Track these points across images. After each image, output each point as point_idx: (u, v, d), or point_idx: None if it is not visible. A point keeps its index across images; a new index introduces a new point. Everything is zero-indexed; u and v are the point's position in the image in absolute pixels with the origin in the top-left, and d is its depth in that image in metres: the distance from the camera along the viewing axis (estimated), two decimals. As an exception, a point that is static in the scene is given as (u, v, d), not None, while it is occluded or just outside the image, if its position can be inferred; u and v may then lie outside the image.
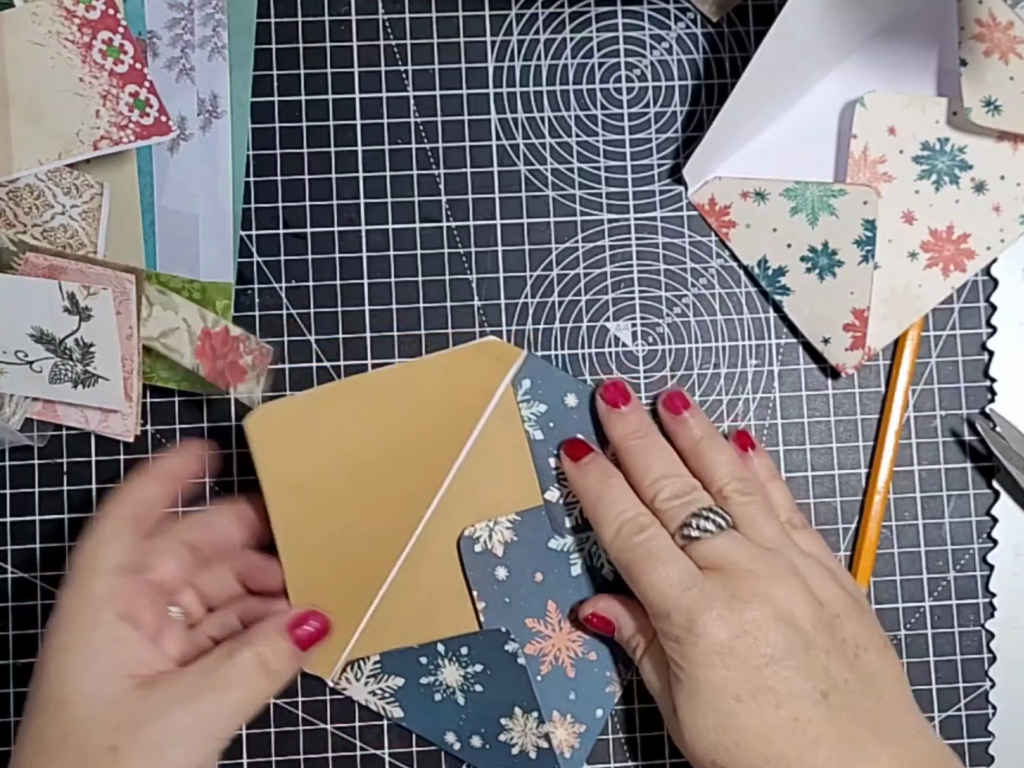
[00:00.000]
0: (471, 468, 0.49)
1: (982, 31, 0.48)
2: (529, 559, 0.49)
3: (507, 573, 0.48)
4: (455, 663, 0.47)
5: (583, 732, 0.49)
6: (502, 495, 0.49)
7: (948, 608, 0.51)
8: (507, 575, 0.48)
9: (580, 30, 0.52)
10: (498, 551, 0.48)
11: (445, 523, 0.49)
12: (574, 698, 0.49)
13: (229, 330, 0.48)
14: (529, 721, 0.47)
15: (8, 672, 0.50)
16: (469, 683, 0.48)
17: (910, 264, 0.51)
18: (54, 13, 0.45)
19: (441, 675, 0.48)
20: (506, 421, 0.49)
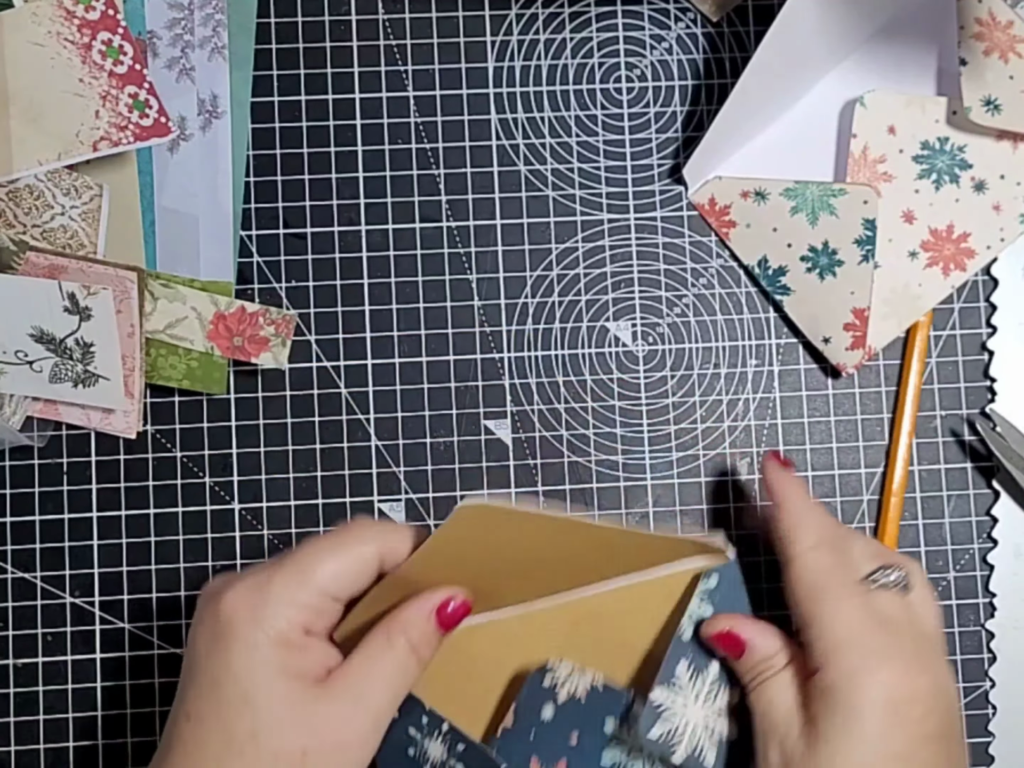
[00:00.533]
0: (605, 604, 0.46)
1: (982, 30, 0.48)
2: (579, 721, 0.45)
3: (551, 716, 0.45)
4: (445, 745, 0.44)
5: None
6: (608, 653, 0.46)
7: (948, 608, 0.51)
8: (550, 718, 0.45)
9: (580, 30, 0.52)
10: (561, 695, 0.45)
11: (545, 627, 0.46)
12: None
13: (245, 308, 0.49)
14: None
15: (8, 672, 0.50)
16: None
17: (910, 263, 0.51)
18: (54, 13, 0.45)
19: (428, 744, 0.45)
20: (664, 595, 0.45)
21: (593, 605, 0.46)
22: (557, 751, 0.45)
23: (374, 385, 0.51)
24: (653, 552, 0.45)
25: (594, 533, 0.43)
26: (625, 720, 0.45)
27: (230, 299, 0.49)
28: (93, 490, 0.50)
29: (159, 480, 0.50)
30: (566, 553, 0.44)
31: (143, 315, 0.48)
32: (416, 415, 0.51)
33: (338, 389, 0.51)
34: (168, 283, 0.49)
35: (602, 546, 0.44)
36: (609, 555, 0.45)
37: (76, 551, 0.50)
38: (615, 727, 0.45)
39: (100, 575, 0.50)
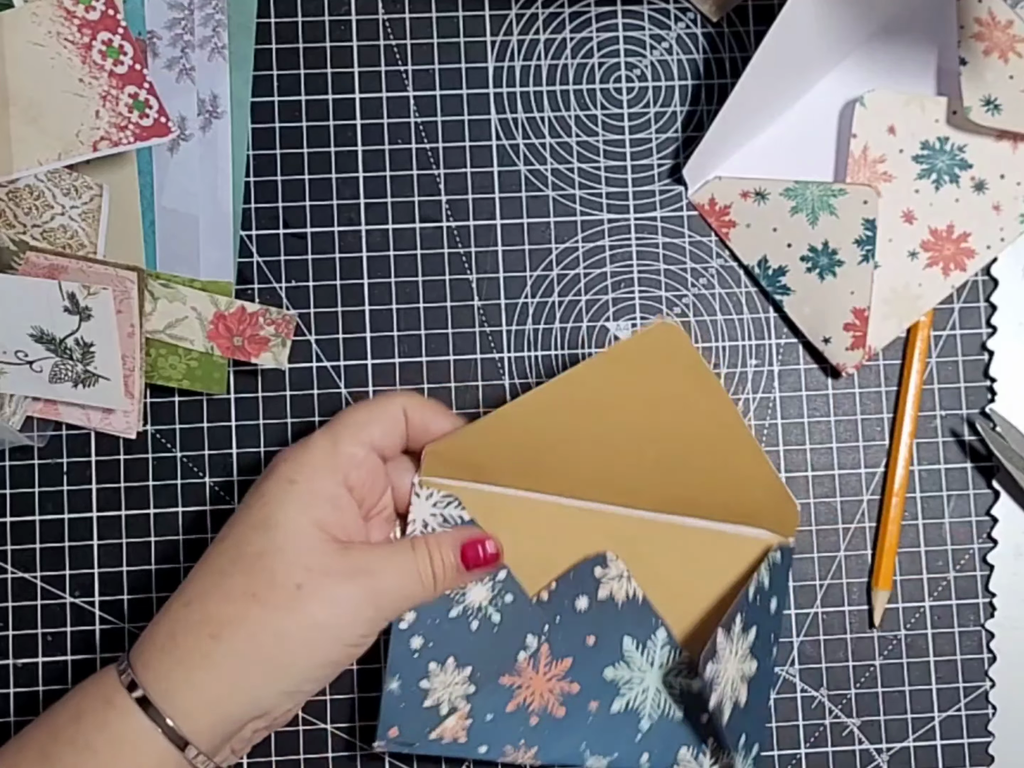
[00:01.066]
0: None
1: (982, 30, 0.48)
2: (603, 626, 0.47)
3: (584, 607, 0.47)
4: (489, 591, 0.46)
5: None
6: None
7: (948, 608, 0.51)
8: (583, 609, 0.47)
9: (580, 30, 0.52)
10: (601, 592, 0.47)
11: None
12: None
13: (245, 308, 0.49)
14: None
15: (8, 672, 0.50)
16: (493, 608, 0.46)
17: (910, 263, 0.51)
18: (54, 13, 0.45)
19: (469, 586, 0.46)
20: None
21: (649, 529, 0.48)
22: (571, 646, 0.47)
23: (374, 385, 0.51)
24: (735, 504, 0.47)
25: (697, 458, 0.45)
26: (645, 645, 0.47)
27: (230, 299, 0.49)
28: (93, 490, 0.50)
29: (159, 480, 0.50)
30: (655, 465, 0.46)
31: (143, 315, 0.48)
32: (416, 415, 0.51)
33: (338, 389, 0.51)
34: (168, 283, 0.49)
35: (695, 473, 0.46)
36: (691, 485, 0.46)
37: (76, 551, 0.50)
38: (632, 646, 0.47)
39: (100, 575, 0.50)
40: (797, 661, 0.51)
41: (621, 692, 0.47)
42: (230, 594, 0.41)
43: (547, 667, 0.47)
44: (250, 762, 0.50)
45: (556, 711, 0.47)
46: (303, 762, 0.50)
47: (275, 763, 0.50)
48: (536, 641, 0.47)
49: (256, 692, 0.41)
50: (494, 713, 0.46)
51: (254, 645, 0.41)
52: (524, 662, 0.47)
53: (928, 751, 0.51)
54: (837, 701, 0.51)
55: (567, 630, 0.47)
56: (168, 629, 0.41)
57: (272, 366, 0.49)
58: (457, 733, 0.46)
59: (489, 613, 0.46)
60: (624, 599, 0.47)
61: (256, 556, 0.41)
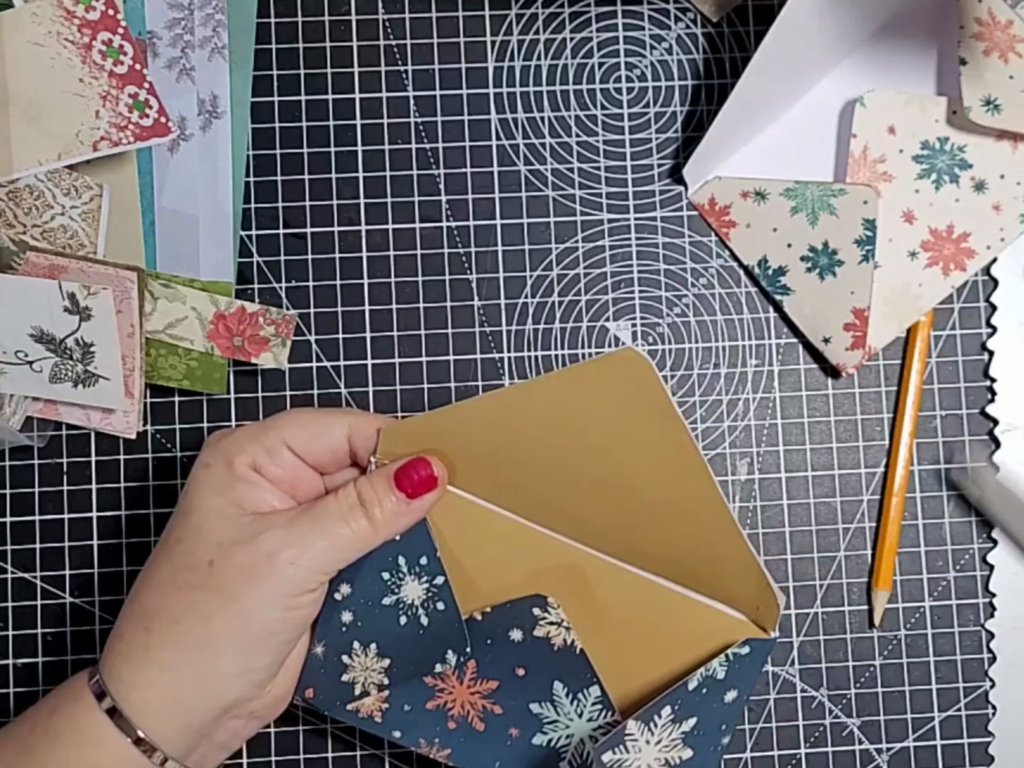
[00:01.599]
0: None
1: (981, 30, 0.48)
2: (536, 663, 0.45)
3: (517, 639, 0.45)
4: (424, 591, 0.45)
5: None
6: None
7: (948, 608, 0.51)
8: (516, 640, 0.45)
9: (580, 30, 0.52)
10: (538, 631, 0.45)
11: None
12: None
13: (245, 308, 0.49)
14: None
15: (8, 672, 0.50)
16: (423, 610, 0.45)
17: (910, 263, 0.51)
18: (54, 13, 0.45)
19: (408, 581, 0.45)
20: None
21: (613, 575, 0.45)
22: (499, 671, 0.46)
23: (374, 385, 0.51)
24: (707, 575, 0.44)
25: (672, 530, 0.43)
26: (576, 696, 0.45)
27: (230, 299, 0.49)
28: (93, 490, 0.50)
29: (159, 480, 0.50)
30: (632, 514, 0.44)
31: (143, 315, 0.48)
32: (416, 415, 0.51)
33: (338, 389, 0.51)
34: (168, 283, 0.49)
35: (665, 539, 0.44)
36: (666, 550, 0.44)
37: (76, 551, 0.50)
38: (563, 692, 0.46)
39: (100, 575, 0.50)
40: (797, 661, 0.51)
41: (544, 730, 0.46)
42: (156, 583, 0.42)
43: (472, 682, 0.46)
44: (250, 762, 0.50)
45: (476, 724, 0.46)
46: (303, 762, 0.50)
47: (275, 763, 0.50)
48: (455, 659, 0.46)
49: (202, 679, 0.41)
50: (412, 706, 0.46)
51: (179, 629, 0.41)
52: (447, 672, 0.46)
53: (928, 751, 0.51)
54: (837, 701, 0.51)
55: (497, 655, 0.46)
56: (116, 628, 0.42)
57: (272, 366, 0.49)
58: (373, 711, 0.46)
59: (419, 614, 0.45)
60: (561, 644, 0.45)
61: (175, 542, 0.42)
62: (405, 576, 0.45)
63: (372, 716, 0.46)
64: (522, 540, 0.46)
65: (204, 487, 0.42)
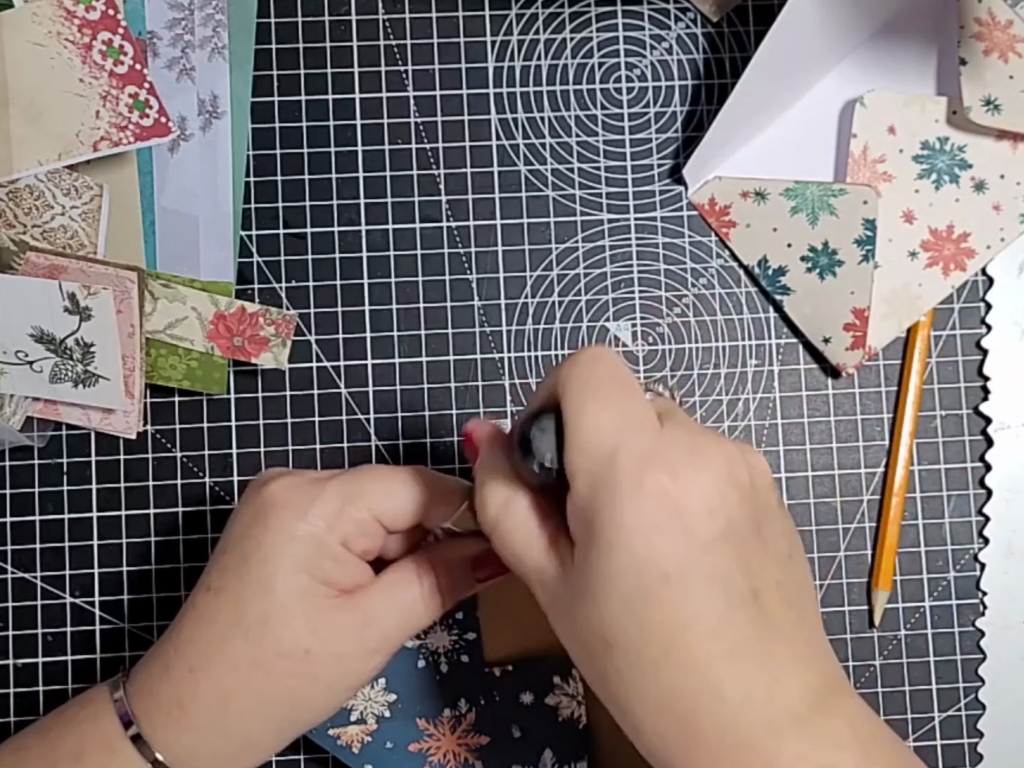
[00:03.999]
0: None
1: (981, 30, 0.48)
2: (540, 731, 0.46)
3: (530, 701, 0.46)
4: (447, 632, 0.46)
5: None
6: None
7: (948, 608, 0.51)
8: (528, 703, 0.46)
9: (580, 30, 0.52)
10: (551, 701, 0.46)
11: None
12: None
13: (245, 308, 0.49)
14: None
15: (8, 672, 0.50)
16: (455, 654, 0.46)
17: (910, 263, 0.51)
18: (54, 13, 0.45)
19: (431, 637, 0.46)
20: None
21: None
22: (497, 728, 0.46)
23: (374, 385, 0.51)
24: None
25: None
26: (562, 767, 0.46)
27: (230, 299, 0.49)
28: (93, 490, 0.50)
29: (159, 480, 0.50)
30: None
31: (143, 315, 0.48)
32: (416, 415, 0.51)
33: (338, 389, 0.51)
34: (168, 283, 0.49)
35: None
36: None
37: (76, 551, 0.50)
38: (550, 761, 0.46)
39: (100, 575, 0.50)
40: (797, 661, 0.51)
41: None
42: (235, 663, 0.40)
43: (463, 734, 0.46)
44: (250, 762, 0.50)
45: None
46: (303, 762, 0.50)
47: (275, 763, 0.50)
48: (466, 707, 0.46)
49: (268, 748, 0.42)
50: (394, 744, 0.46)
51: (265, 712, 0.40)
52: (446, 719, 0.46)
53: (928, 751, 0.51)
54: (837, 701, 0.51)
55: (499, 712, 0.46)
56: (174, 696, 0.40)
57: (272, 366, 0.49)
58: (353, 742, 0.46)
59: (440, 661, 0.45)
60: (567, 716, 0.46)
61: (260, 621, 0.40)
62: (436, 626, 0.45)
63: (350, 746, 0.46)
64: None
65: (292, 564, 0.40)
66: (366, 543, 0.41)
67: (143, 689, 0.41)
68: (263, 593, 0.40)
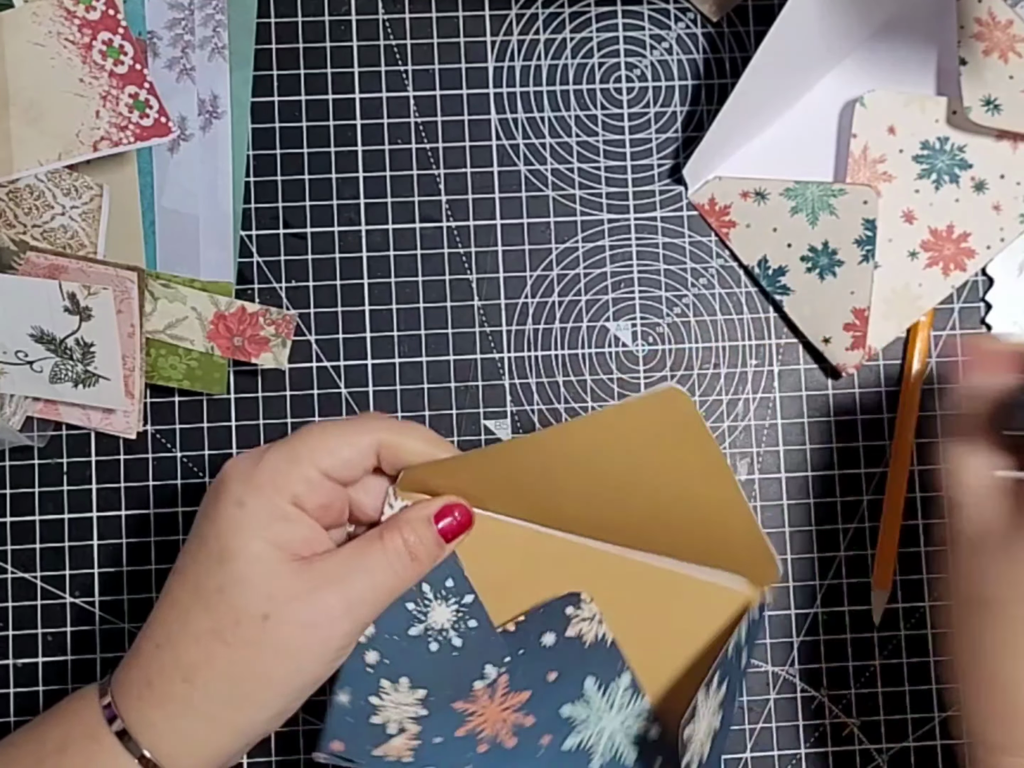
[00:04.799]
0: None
1: (981, 30, 0.48)
2: (568, 663, 0.45)
3: (550, 643, 0.45)
4: (453, 613, 0.45)
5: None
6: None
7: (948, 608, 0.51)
8: (548, 644, 0.45)
9: (580, 30, 0.52)
10: (570, 631, 0.45)
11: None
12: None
13: (245, 308, 0.49)
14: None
15: (8, 672, 0.50)
16: (453, 633, 0.45)
17: (910, 263, 0.51)
18: (54, 13, 0.45)
19: (433, 606, 0.45)
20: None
21: (626, 568, 0.46)
22: (531, 680, 0.45)
23: (374, 385, 0.51)
24: (708, 545, 0.45)
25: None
26: (607, 688, 0.45)
27: (230, 299, 0.49)
28: (93, 490, 0.50)
29: (159, 480, 0.50)
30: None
31: (143, 315, 0.48)
32: (416, 415, 0.51)
33: (338, 389, 0.51)
34: (168, 283, 0.49)
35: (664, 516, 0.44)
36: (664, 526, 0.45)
37: (76, 551, 0.50)
38: (594, 687, 0.45)
39: (100, 575, 0.50)
40: (797, 661, 0.51)
41: (576, 730, 0.46)
42: (196, 635, 0.40)
43: (503, 697, 0.45)
44: (250, 762, 0.50)
45: (507, 741, 0.45)
46: (303, 762, 0.50)
47: (275, 763, 0.50)
48: (495, 672, 0.45)
49: (241, 727, 0.41)
50: (443, 736, 0.45)
51: (229, 684, 0.40)
52: (480, 690, 0.45)
53: (928, 751, 0.51)
54: (837, 701, 0.51)
55: (529, 664, 0.45)
56: (143, 675, 0.40)
57: (272, 366, 0.49)
58: (402, 753, 0.44)
59: (450, 636, 0.44)
60: (592, 640, 0.45)
61: (216, 591, 0.40)
62: (431, 602, 0.44)
63: (401, 758, 0.44)
64: (542, 548, 0.46)
65: (244, 530, 0.40)
66: (319, 498, 0.41)
67: (119, 675, 0.41)
68: (218, 564, 0.40)
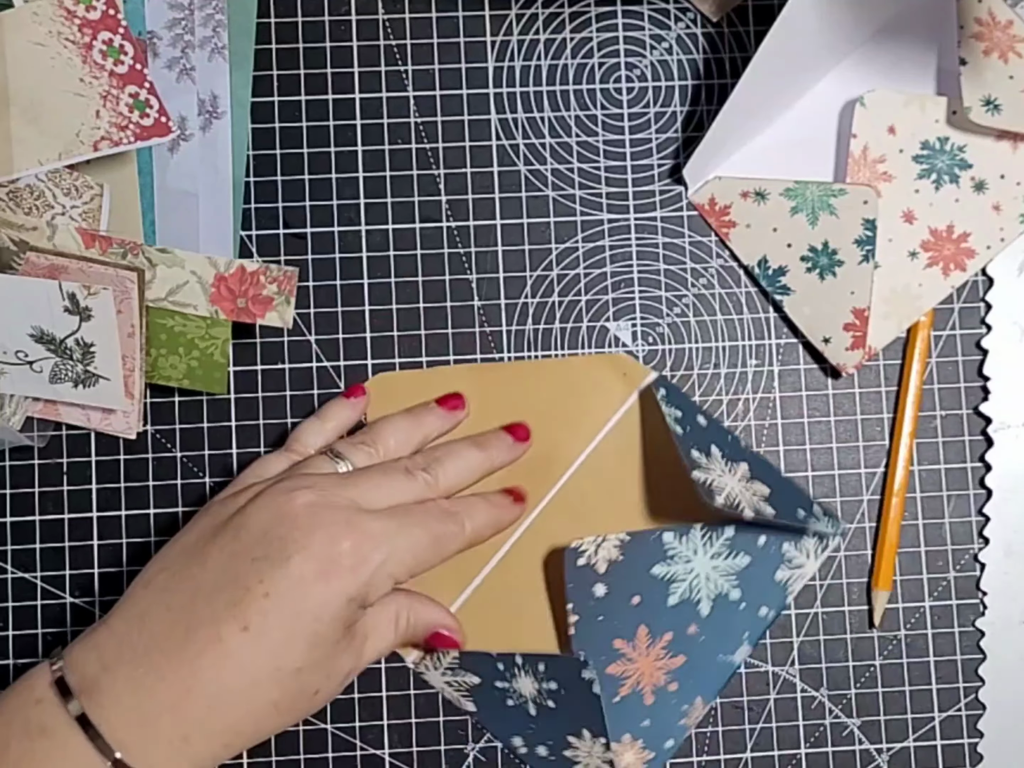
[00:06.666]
0: (581, 481, 0.50)
1: (981, 30, 0.48)
2: (630, 581, 0.47)
3: (606, 591, 0.47)
4: (530, 676, 0.47)
5: (650, 760, 0.48)
6: (609, 513, 0.49)
7: (948, 608, 0.51)
8: (605, 592, 0.47)
9: (580, 30, 0.52)
10: (600, 568, 0.47)
11: (545, 532, 0.49)
12: (647, 725, 0.48)
13: (245, 267, 0.48)
14: (596, 745, 0.47)
15: (8, 672, 0.50)
16: (542, 697, 0.47)
17: (910, 263, 0.51)
18: (54, 13, 0.45)
19: (516, 684, 0.47)
20: (626, 440, 0.50)
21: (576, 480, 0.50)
22: (630, 620, 0.47)
23: (374, 385, 0.51)
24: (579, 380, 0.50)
25: (520, 371, 0.50)
26: (665, 555, 0.48)
27: (229, 259, 0.48)
28: (93, 490, 0.50)
29: (159, 480, 0.50)
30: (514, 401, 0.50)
31: (143, 312, 0.48)
32: (416, 415, 0.51)
33: (338, 389, 0.51)
34: (166, 248, 0.48)
35: (533, 386, 0.50)
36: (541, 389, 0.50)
37: (76, 551, 0.50)
38: (660, 560, 0.47)
39: (100, 575, 0.50)
40: (797, 661, 0.51)
41: (674, 585, 0.48)
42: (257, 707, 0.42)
43: (657, 657, 0.48)
44: (250, 762, 0.50)
45: (669, 686, 0.49)
46: (303, 762, 0.50)
47: (275, 763, 0.50)
48: (657, 633, 0.48)
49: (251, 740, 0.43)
50: (651, 720, 0.48)
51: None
52: (641, 643, 0.48)
53: (928, 751, 0.51)
54: (837, 701, 0.51)
55: (614, 613, 0.47)
56: (178, 725, 0.41)
57: (278, 325, 0.49)
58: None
59: (546, 687, 0.47)
60: (618, 550, 0.47)
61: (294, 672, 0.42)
62: (511, 685, 0.48)
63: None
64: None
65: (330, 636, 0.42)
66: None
67: (112, 677, 0.41)
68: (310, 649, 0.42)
